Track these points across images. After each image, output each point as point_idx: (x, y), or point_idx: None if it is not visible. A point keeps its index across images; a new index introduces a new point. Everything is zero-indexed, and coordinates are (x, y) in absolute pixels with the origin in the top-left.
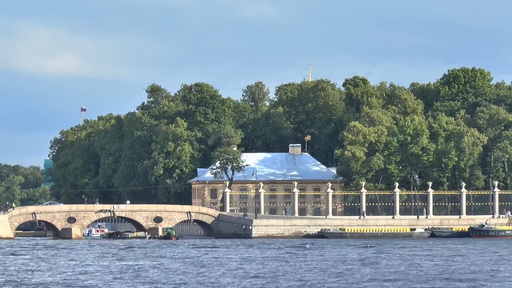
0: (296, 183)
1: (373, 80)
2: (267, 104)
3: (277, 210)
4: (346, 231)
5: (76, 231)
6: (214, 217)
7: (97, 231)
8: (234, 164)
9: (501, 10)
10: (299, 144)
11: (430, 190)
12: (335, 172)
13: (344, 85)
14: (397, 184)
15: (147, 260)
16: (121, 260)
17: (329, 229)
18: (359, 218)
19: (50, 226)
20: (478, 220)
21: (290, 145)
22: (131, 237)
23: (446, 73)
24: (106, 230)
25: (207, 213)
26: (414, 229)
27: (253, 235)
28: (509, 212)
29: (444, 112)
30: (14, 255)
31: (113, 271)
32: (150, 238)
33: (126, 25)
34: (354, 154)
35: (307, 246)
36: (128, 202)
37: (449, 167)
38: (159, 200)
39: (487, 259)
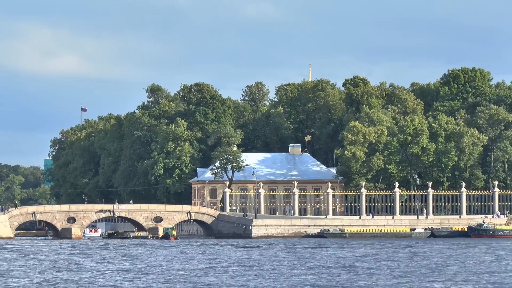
0: (296, 183)
1: (373, 80)
2: (267, 104)
3: (277, 210)
4: (346, 231)
5: (76, 231)
6: (214, 217)
7: (91, 231)
8: (234, 164)
9: (501, 10)
10: (299, 144)
11: (430, 190)
12: (335, 172)
13: (344, 85)
14: (397, 184)
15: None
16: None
17: (329, 229)
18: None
19: (50, 226)
20: (478, 220)
21: (290, 145)
22: (133, 237)
23: (446, 73)
24: (99, 230)
25: (207, 213)
26: (414, 229)
27: (253, 235)
28: (498, 213)
29: (444, 112)
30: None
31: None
32: (152, 237)
33: (127, 25)
34: (354, 154)
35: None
36: (131, 202)
37: (449, 167)
38: (159, 200)
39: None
